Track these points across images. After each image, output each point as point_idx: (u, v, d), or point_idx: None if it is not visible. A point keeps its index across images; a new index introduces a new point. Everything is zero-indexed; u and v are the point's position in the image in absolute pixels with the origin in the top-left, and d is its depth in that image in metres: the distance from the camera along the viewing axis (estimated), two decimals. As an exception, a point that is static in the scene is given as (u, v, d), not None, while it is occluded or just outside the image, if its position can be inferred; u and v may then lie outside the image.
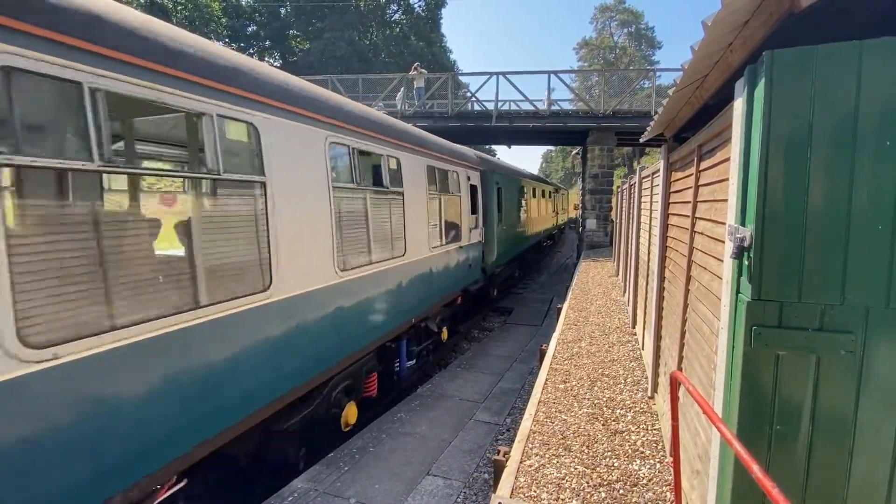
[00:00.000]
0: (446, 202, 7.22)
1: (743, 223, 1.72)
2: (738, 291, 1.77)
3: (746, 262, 1.69)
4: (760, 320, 1.64)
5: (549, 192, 22.22)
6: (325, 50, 33.16)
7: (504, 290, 12.68)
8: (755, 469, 1.17)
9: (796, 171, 1.57)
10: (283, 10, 35.64)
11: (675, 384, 2.25)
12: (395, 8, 39.95)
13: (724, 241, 2.05)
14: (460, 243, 7.88)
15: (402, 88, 16.77)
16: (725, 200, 2.06)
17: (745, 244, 1.66)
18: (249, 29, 35.63)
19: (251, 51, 34.65)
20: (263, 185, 3.18)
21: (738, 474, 1.70)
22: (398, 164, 5.39)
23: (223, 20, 33.05)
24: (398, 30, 39.92)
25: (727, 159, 2.03)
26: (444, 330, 7.65)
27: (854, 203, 1.52)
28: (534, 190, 16.58)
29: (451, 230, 7.47)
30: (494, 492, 3.20)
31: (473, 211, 8.78)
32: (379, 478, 3.97)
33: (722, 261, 2.08)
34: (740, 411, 1.70)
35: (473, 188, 8.79)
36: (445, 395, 5.85)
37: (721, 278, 2.06)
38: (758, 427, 1.67)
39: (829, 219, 1.55)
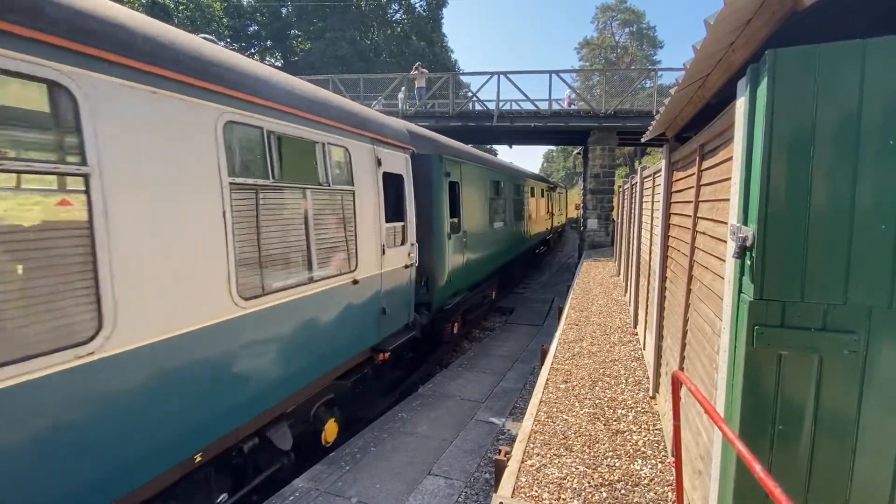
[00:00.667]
0: (316, 203, 3.95)
1: (745, 222, 1.72)
2: (740, 291, 1.77)
3: (749, 262, 1.69)
4: (763, 320, 1.64)
5: (543, 191, 19.01)
6: (327, 50, 33.18)
7: (474, 321, 9.36)
8: (757, 469, 1.17)
9: (799, 171, 1.56)
10: (284, 10, 35.66)
11: (676, 384, 2.24)
12: (397, 7, 39.95)
13: (725, 241, 2.04)
14: (355, 275, 4.52)
15: (404, 88, 16.79)
16: (727, 200, 2.06)
17: (748, 243, 1.65)
18: (251, 29, 35.66)
19: (252, 51, 34.69)
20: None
21: (740, 474, 1.70)
22: (70, 104, 2.18)
23: (224, 20, 33.08)
24: (399, 29, 39.90)
25: (729, 158, 2.03)
26: (332, 423, 4.35)
27: (857, 202, 1.52)
28: (518, 187, 13.16)
29: (330, 254, 4.18)
30: (496, 491, 3.20)
31: (396, 216, 5.52)
32: (380, 477, 3.97)
33: (724, 260, 2.08)
34: (742, 411, 1.69)
35: (393, 179, 5.46)
36: (447, 394, 5.84)
37: (723, 278, 2.05)
38: (760, 427, 1.67)
39: (831, 218, 1.55)
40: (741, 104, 1.79)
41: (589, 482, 3.14)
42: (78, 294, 2.21)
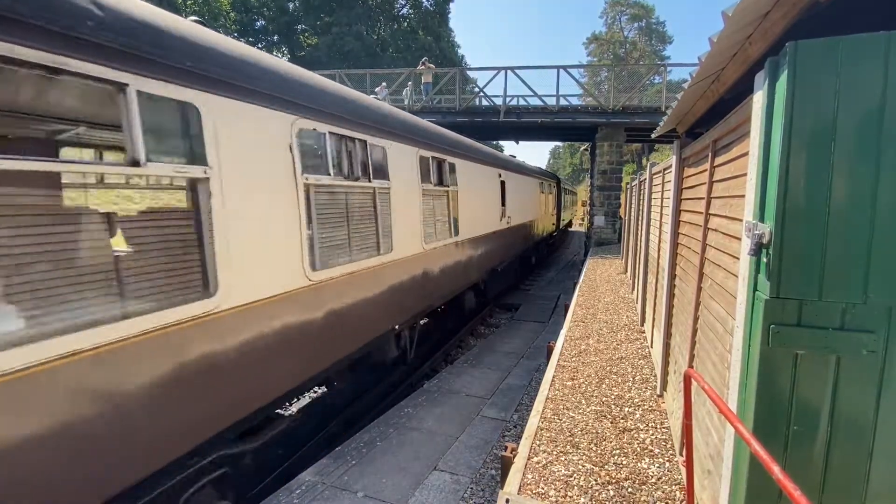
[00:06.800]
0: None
1: (762, 219, 1.68)
2: (755, 289, 1.74)
3: (765, 259, 1.65)
4: (779, 319, 1.61)
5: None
6: (333, 45, 33.16)
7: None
8: (776, 470, 1.15)
9: (819, 167, 1.53)
10: (291, 5, 35.62)
11: (688, 382, 2.21)
12: (404, 2, 39.79)
13: (739, 238, 2.01)
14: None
15: (410, 83, 16.75)
16: (742, 196, 2.02)
17: (764, 241, 1.62)
18: (258, 24, 35.68)
19: (259, 46, 34.72)
20: None
21: (753, 474, 1.68)
22: None
23: (232, 15, 33.12)
24: (406, 24, 39.76)
25: (745, 154, 1.99)
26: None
27: (879, 199, 1.48)
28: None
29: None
30: (502, 488, 3.19)
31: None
32: (386, 472, 3.98)
33: (737, 258, 2.04)
34: (756, 411, 1.67)
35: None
36: (452, 390, 5.84)
37: (736, 276, 2.02)
38: (774, 427, 1.64)
39: (851, 215, 1.51)
40: (759, 98, 1.75)
41: (596, 480, 3.13)
42: None
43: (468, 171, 7.96)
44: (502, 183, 10.47)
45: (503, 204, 10.50)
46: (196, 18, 3.23)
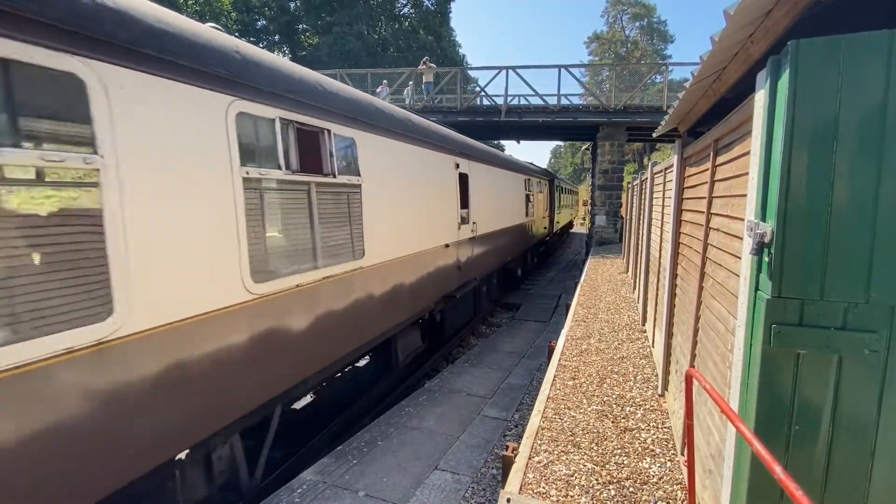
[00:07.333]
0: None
1: (763, 219, 1.68)
2: (756, 289, 1.73)
3: (766, 259, 1.65)
4: (780, 318, 1.60)
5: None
6: (335, 44, 33.17)
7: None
8: (777, 470, 1.14)
9: (821, 165, 1.52)
10: (292, 5, 35.65)
11: (690, 382, 2.21)
12: (405, 2, 39.79)
13: (740, 238, 2.00)
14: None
15: (411, 83, 16.76)
16: (743, 196, 2.01)
17: (766, 240, 1.62)
18: (259, 24, 35.69)
19: (261, 46, 34.73)
20: None
21: (754, 474, 1.67)
22: None
23: (233, 14, 33.13)
24: (407, 24, 39.77)
25: (747, 153, 1.98)
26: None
27: (881, 198, 1.47)
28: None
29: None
30: (503, 488, 3.19)
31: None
32: (387, 471, 3.98)
33: (738, 257, 2.04)
34: (757, 411, 1.66)
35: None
36: (453, 390, 5.85)
37: (738, 275, 2.01)
38: (776, 427, 1.64)
39: (854, 214, 1.51)
40: (760, 97, 1.75)
41: (597, 480, 3.13)
42: None
43: (388, 153, 5.10)
44: (462, 177, 7.61)
45: (464, 206, 7.75)
46: None
